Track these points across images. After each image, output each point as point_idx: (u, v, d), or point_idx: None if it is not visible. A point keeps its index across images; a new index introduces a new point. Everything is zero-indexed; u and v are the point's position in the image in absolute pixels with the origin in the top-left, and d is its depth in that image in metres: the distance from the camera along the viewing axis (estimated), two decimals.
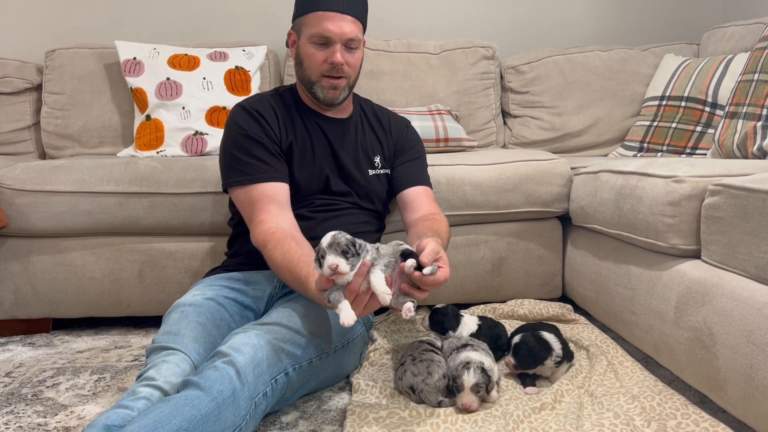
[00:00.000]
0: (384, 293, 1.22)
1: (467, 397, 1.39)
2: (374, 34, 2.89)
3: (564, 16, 3.14)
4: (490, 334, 1.71)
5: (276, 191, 1.61)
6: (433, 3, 3.09)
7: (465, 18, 3.10)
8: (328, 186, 1.72)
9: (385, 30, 2.98)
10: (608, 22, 3.16)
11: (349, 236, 1.24)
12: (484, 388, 1.40)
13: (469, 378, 1.39)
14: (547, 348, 1.55)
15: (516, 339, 1.58)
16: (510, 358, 1.57)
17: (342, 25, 1.60)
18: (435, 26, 3.08)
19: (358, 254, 1.23)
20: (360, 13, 1.66)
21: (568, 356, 1.60)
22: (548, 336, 1.58)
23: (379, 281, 1.24)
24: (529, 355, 1.54)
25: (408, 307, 1.27)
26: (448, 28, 3.08)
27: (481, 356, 1.44)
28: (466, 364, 1.41)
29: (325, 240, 1.24)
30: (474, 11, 3.10)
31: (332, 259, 1.21)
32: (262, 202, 1.58)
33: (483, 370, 1.40)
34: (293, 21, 1.70)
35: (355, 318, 1.22)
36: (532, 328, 1.67)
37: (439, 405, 1.43)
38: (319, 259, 1.23)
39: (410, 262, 1.25)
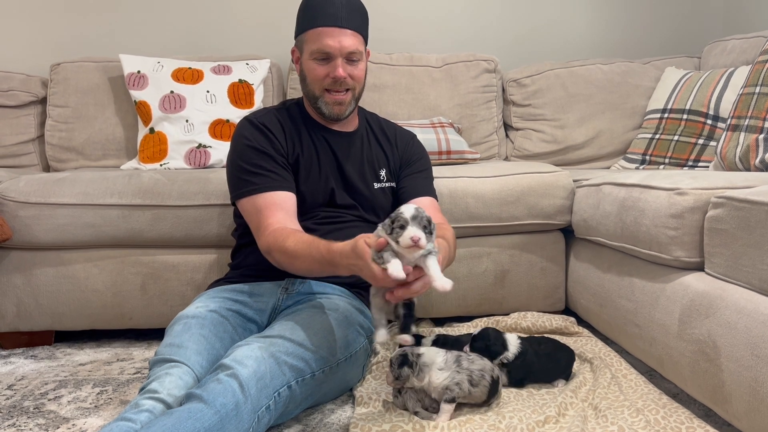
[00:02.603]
0: (445, 283, 1.21)
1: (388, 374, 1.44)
2: (377, 47, 2.90)
3: (566, 30, 3.16)
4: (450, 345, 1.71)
5: (283, 200, 1.61)
6: (435, 17, 3.11)
7: (467, 31, 3.12)
8: (333, 199, 1.73)
9: (387, 43, 2.99)
10: (610, 35, 3.17)
11: (427, 213, 1.25)
12: (396, 363, 1.41)
13: (392, 354, 1.44)
14: (504, 345, 1.58)
15: (475, 331, 1.62)
16: (466, 348, 1.60)
17: (341, 39, 1.62)
18: (437, 40, 3.10)
19: (431, 234, 1.23)
20: (360, 26, 1.67)
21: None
22: (509, 337, 1.61)
23: (437, 270, 1.23)
24: (485, 349, 1.56)
25: (405, 339, 1.30)
26: (450, 42, 3.10)
27: (436, 356, 1.43)
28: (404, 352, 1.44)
29: (408, 211, 1.23)
30: (476, 25, 3.12)
31: (415, 231, 1.20)
32: (270, 209, 1.58)
33: (405, 355, 1.41)
34: (295, 38, 1.73)
35: (403, 275, 1.19)
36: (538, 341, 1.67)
37: (416, 414, 1.44)
38: (395, 228, 1.22)
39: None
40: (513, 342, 1.60)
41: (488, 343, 1.57)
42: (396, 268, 1.19)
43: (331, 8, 1.62)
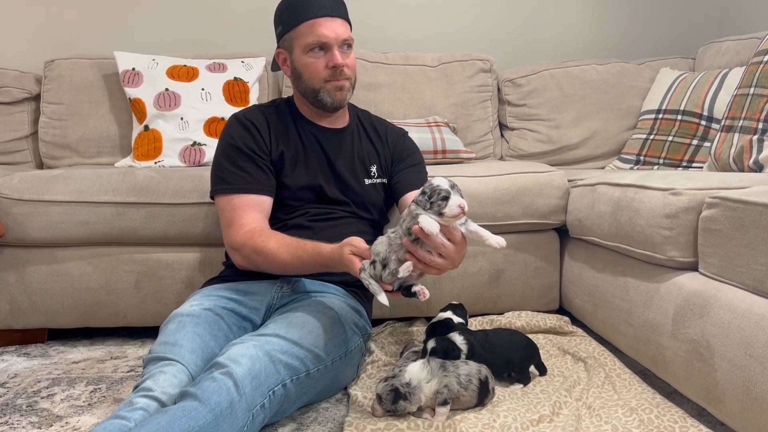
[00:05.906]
0: (499, 240, 1.29)
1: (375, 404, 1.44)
2: (373, 46, 2.91)
3: (561, 31, 3.17)
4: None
5: (259, 202, 1.65)
6: (432, 16, 3.11)
7: (463, 31, 3.13)
8: (323, 194, 1.74)
9: (383, 42, 3.00)
10: (605, 36, 3.19)
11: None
12: (389, 400, 1.40)
13: (378, 388, 1.43)
14: (457, 347, 1.58)
15: (431, 344, 1.59)
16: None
17: (335, 27, 1.64)
18: (433, 39, 3.10)
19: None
20: (345, 14, 1.70)
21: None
22: (455, 338, 1.61)
23: (485, 230, 1.32)
24: (446, 356, 1.54)
25: (421, 290, 1.32)
26: (446, 42, 3.10)
27: (421, 372, 1.42)
28: (392, 379, 1.42)
29: (443, 183, 1.26)
30: (472, 25, 3.13)
31: (459, 200, 1.24)
32: (244, 209, 1.62)
33: (396, 390, 1.39)
34: (280, 39, 1.73)
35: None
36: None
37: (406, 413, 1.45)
38: (436, 201, 1.24)
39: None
40: (459, 341, 1.60)
41: (446, 354, 1.55)
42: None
43: (316, 0, 1.63)
